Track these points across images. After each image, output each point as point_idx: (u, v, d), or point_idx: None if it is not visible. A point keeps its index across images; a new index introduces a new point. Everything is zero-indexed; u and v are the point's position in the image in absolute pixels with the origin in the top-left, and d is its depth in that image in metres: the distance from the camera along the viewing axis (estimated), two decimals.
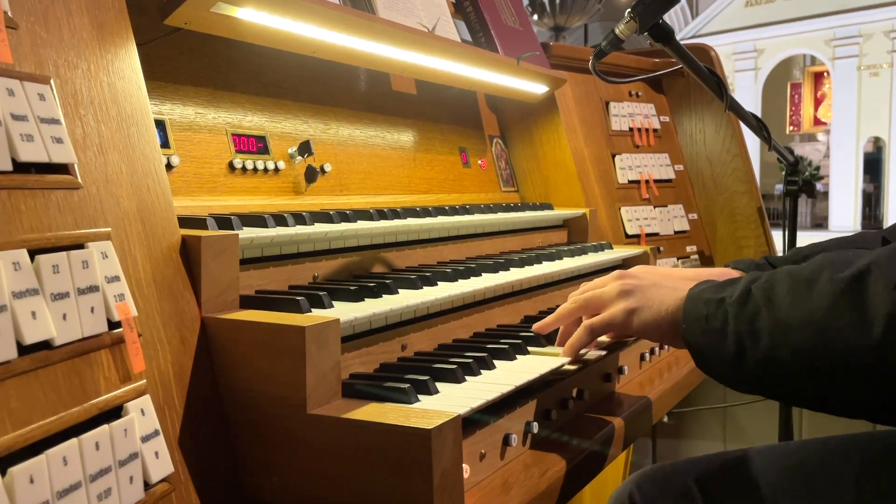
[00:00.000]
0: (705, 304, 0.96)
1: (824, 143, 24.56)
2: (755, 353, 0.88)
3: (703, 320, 0.95)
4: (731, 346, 0.91)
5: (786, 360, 0.85)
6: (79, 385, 0.76)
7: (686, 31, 22.97)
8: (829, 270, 0.84)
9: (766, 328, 0.87)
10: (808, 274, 0.86)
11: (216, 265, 0.97)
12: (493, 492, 0.98)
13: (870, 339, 0.77)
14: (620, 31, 1.68)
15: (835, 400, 0.85)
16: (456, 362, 1.11)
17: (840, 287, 0.81)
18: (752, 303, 0.90)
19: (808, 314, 0.83)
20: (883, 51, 20.75)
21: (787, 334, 0.85)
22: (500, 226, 1.82)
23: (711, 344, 0.94)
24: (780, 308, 0.86)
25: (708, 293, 0.97)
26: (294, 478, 0.90)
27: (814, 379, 0.84)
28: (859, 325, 0.78)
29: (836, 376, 0.82)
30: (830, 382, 0.83)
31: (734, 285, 0.94)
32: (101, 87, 0.91)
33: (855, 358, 0.79)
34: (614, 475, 2.52)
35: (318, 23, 1.36)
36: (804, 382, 0.86)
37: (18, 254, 0.72)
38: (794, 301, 0.85)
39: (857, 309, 0.79)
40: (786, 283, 0.88)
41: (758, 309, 0.88)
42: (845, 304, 0.80)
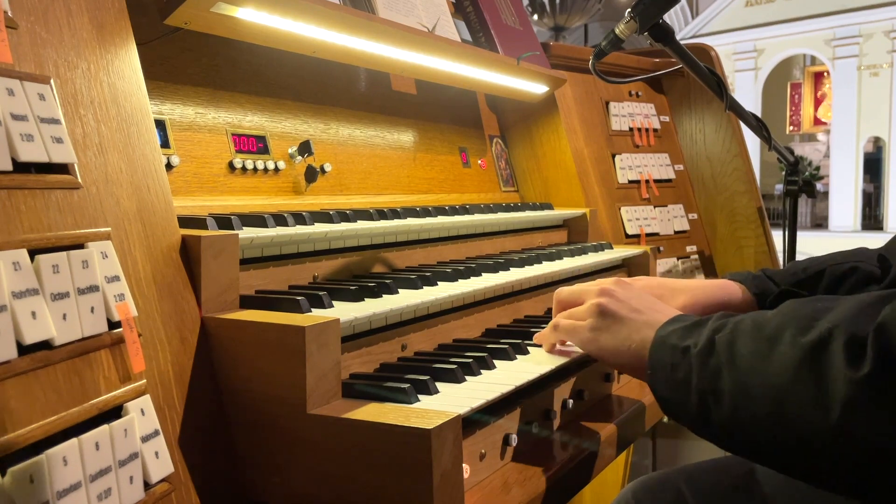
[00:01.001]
0: (671, 351, 0.93)
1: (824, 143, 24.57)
2: (719, 415, 0.86)
3: (668, 369, 0.93)
4: (695, 403, 0.88)
5: (748, 427, 0.83)
6: (79, 385, 0.76)
7: (686, 31, 22.97)
8: (793, 329, 0.81)
9: (728, 389, 0.85)
10: (772, 331, 0.83)
11: (216, 265, 0.97)
12: (493, 492, 0.98)
13: (827, 421, 0.75)
14: (620, 31, 1.68)
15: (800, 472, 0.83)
16: (456, 362, 1.11)
17: (800, 356, 0.78)
18: (714, 358, 0.87)
19: (768, 382, 0.81)
20: (883, 51, 20.74)
21: (748, 401, 0.83)
22: (500, 226, 1.82)
23: (676, 396, 0.92)
24: (741, 370, 0.84)
25: (674, 338, 0.94)
26: (294, 478, 0.90)
27: (775, 450, 0.82)
28: (817, 405, 0.76)
29: (796, 451, 0.80)
30: (792, 456, 0.81)
31: (699, 331, 0.92)
32: (101, 86, 0.91)
33: (813, 437, 0.77)
34: (614, 475, 2.52)
35: (318, 23, 1.36)
36: (768, 451, 0.83)
37: (18, 254, 0.72)
38: (755, 364, 0.83)
39: (815, 386, 0.76)
40: (749, 340, 0.85)
41: (720, 367, 0.86)
42: (803, 378, 0.78)
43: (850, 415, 0.73)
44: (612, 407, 1.35)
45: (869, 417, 0.72)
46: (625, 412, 1.31)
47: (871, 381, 0.72)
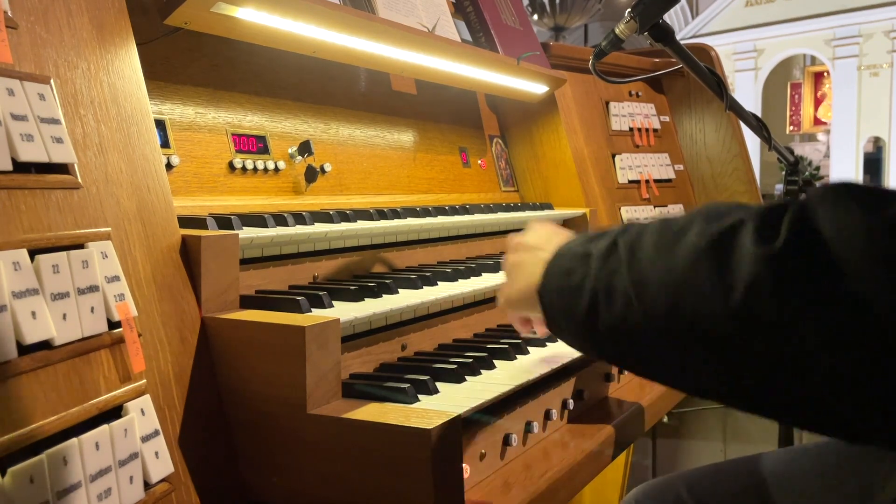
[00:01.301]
0: (570, 258, 0.85)
1: (824, 142, 24.56)
2: (608, 314, 0.77)
3: (564, 275, 0.84)
4: (584, 307, 0.79)
5: (638, 323, 0.74)
6: (79, 385, 0.76)
7: (686, 31, 22.97)
8: (702, 222, 0.72)
9: (622, 285, 0.75)
10: (679, 227, 0.74)
11: (216, 265, 0.97)
12: (493, 492, 0.98)
13: (727, 306, 0.66)
14: (620, 31, 1.68)
15: (685, 375, 0.74)
16: (456, 362, 1.11)
17: (705, 242, 0.70)
18: (614, 258, 0.78)
19: (667, 272, 0.72)
20: (883, 51, 20.74)
21: (643, 292, 0.73)
22: (500, 226, 1.82)
23: (565, 303, 0.83)
24: (642, 263, 0.75)
25: (574, 246, 0.86)
26: (294, 478, 0.90)
27: (665, 347, 0.73)
28: (719, 286, 0.67)
29: (687, 345, 0.71)
30: (681, 352, 0.72)
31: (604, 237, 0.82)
32: (101, 86, 0.91)
33: (709, 324, 0.68)
34: (614, 475, 2.52)
35: (318, 23, 1.36)
36: (654, 351, 0.75)
37: (18, 254, 0.72)
38: (657, 257, 0.74)
39: (717, 270, 0.67)
40: (654, 237, 0.76)
41: (619, 263, 0.77)
42: (707, 262, 0.68)
43: (755, 295, 0.64)
44: (611, 407, 1.35)
45: (775, 296, 0.63)
46: (625, 412, 1.31)
47: (781, 257, 0.63)
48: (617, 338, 0.78)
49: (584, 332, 0.81)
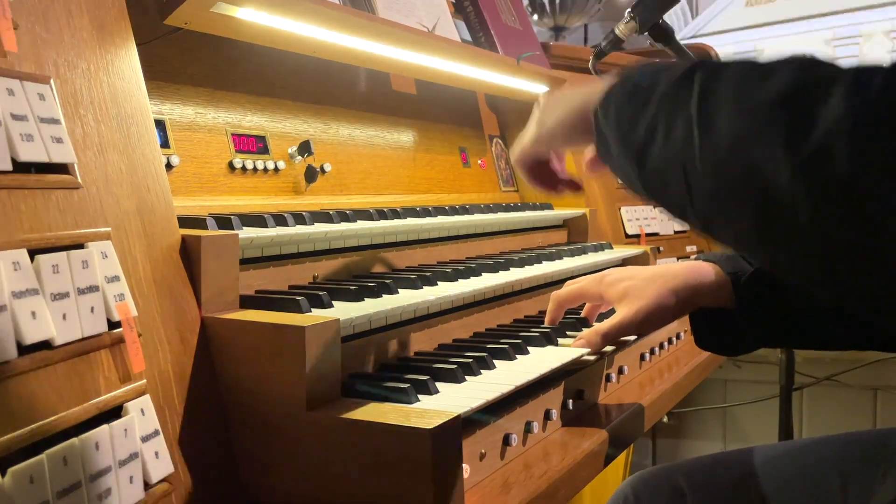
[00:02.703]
0: (639, 75, 0.78)
1: None
2: (663, 146, 0.70)
3: (627, 97, 0.77)
4: (641, 134, 0.73)
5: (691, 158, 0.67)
6: (79, 385, 0.76)
7: (686, 31, 22.97)
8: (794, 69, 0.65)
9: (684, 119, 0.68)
10: (768, 66, 0.66)
11: (216, 265, 0.97)
12: (493, 492, 0.98)
13: (796, 155, 0.58)
14: (620, 31, 1.68)
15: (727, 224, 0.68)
16: (456, 362, 1.11)
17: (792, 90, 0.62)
18: (685, 88, 0.69)
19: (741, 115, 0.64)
20: (883, 51, 20.75)
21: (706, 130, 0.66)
22: (500, 226, 1.82)
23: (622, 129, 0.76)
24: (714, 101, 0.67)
25: (644, 68, 0.78)
26: (294, 478, 0.90)
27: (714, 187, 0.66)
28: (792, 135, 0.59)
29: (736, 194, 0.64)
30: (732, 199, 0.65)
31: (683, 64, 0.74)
32: (101, 86, 0.91)
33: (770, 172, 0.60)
34: (614, 475, 2.52)
35: (318, 23, 1.36)
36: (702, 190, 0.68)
37: (18, 254, 0.72)
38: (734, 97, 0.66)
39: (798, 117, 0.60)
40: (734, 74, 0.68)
41: (689, 97, 0.68)
42: (787, 110, 0.61)
43: (828, 147, 0.56)
44: (612, 407, 1.35)
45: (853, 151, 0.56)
46: (625, 412, 1.31)
47: (871, 106, 0.56)
48: (665, 168, 0.71)
49: (633, 158, 0.74)
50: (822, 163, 0.57)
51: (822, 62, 0.66)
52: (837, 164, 0.56)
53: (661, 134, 0.70)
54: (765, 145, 0.61)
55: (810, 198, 0.58)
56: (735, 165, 0.63)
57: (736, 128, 0.64)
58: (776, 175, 0.59)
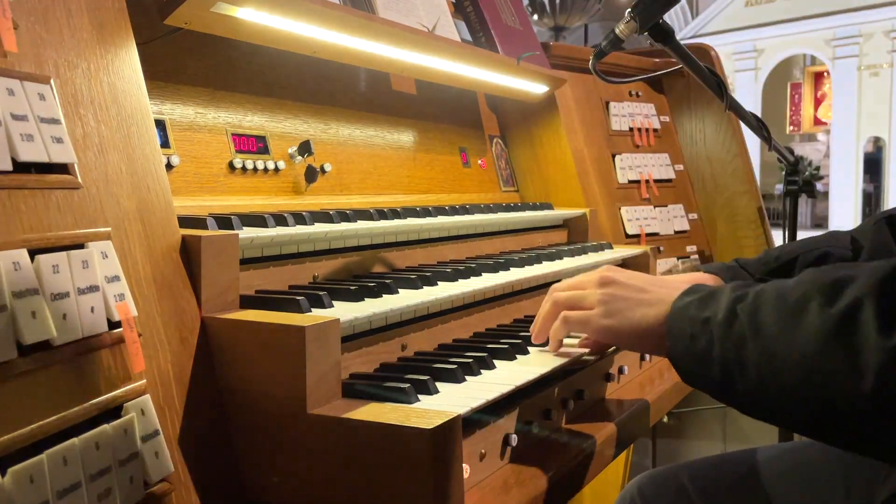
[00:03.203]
0: (690, 322, 0.92)
1: (824, 143, 24.57)
2: (744, 384, 0.85)
3: (688, 340, 0.91)
4: (718, 373, 0.87)
5: (774, 396, 0.83)
6: (79, 385, 0.76)
7: (686, 31, 22.97)
8: (819, 299, 0.80)
9: (753, 360, 0.83)
10: (796, 301, 0.82)
11: (216, 265, 0.97)
12: (493, 492, 0.98)
13: (861, 389, 0.74)
14: (620, 31, 1.68)
15: (832, 438, 0.83)
16: (456, 362, 1.11)
17: (830, 325, 0.77)
18: (737, 327, 0.86)
19: (797, 351, 0.79)
20: (883, 51, 20.74)
21: (774, 371, 0.81)
22: (500, 226, 1.82)
23: (698, 368, 0.91)
24: (767, 340, 0.83)
25: (692, 309, 0.93)
26: (294, 477, 0.90)
27: (807, 418, 0.81)
28: (850, 371, 0.75)
29: (825, 419, 0.79)
30: (821, 424, 0.80)
31: (717, 301, 0.90)
32: (101, 86, 0.91)
33: (845, 405, 0.76)
34: (614, 475, 2.52)
35: (318, 23, 1.36)
36: (797, 420, 0.83)
37: (18, 254, 0.72)
38: (782, 333, 0.81)
39: (847, 355, 0.75)
40: (773, 311, 0.83)
41: (744, 336, 0.85)
42: (835, 346, 0.76)
43: (885, 381, 0.72)
44: (612, 407, 1.35)
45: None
46: (625, 412, 1.31)
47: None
48: (756, 402, 0.86)
49: (722, 394, 0.89)
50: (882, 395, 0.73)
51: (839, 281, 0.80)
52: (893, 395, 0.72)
53: (738, 376, 0.85)
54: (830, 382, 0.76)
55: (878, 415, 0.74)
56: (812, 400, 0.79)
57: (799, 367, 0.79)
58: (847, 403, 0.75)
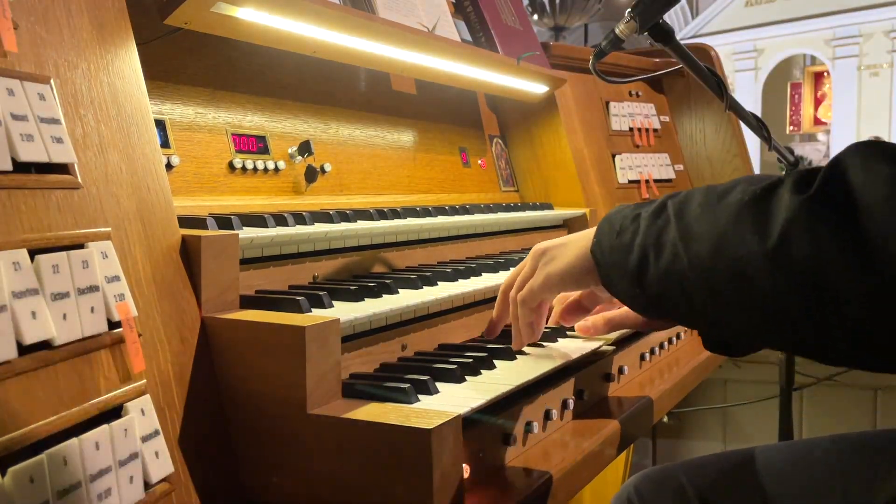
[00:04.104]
0: (621, 219, 0.93)
1: (824, 143, 24.56)
2: (657, 267, 0.85)
3: (615, 235, 0.92)
4: (635, 260, 0.88)
5: (684, 272, 0.82)
6: (79, 385, 0.76)
7: (686, 30, 22.96)
8: (745, 184, 0.81)
9: (670, 240, 0.84)
10: (723, 188, 0.83)
11: (216, 265, 0.97)
12: (493, 492, 0.98)
13: (765, 245, 0.73)
14: (620, 31, 1.68)
15: (729, 317, 0.81)
16: (456, 362, 1.11)
17: (748, 197, 0.78)
18: (664, 216, 0.86)
19: (713, 223, 0.80)
20: (883, 51, 20.74)
21: (688, 245, 0.81)
22: (500, 226, 1.82)
23: (617, 259, 0.91)
24: (688, 219, 0.83)
25: (626, 210, 0.94)
26: (294, 478, 0.90)
27: (709, 291, 0.80)
28: (757, 232, 0.75)
29: (730, 289, 0.78)
30: (726, 297, 0.79)
31: (653, 202, 0.91)
32: (101, 86, 0.91)
33: (749, 267, 0.75)
34: (614, 475, 2.52)
35: (318, 23, 1.36)
36: (701, 298, 0.81)
37: (18, 254, 0.72)
38: (703, 213, 0.82)
39: (759, 216, 0.75)
40: (700, 196, 0.85)
41: (668, 222, 0.85)
42: (749, 212, 0.77)
43: (788, 235, 0.72)
44: (611, 407, 1.34)
45: (808, 235, 0.71)
46: (624, 412, 1.31)
47: (813, 200, 0.72)
48: (664, 283, 0.85)
49: (634, 285, 0.89)
50: (785, 250, 0.73)
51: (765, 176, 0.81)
52: (797, 249, 0.72)
53: (652, 258, 0.86)
54: (738, 245, 0.76)
55: (780, 274, 0.73)
56: (721, 265, 0.78)
57: (713, 235, 0.79)
58: (753, 262, 0.75)
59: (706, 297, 0.81)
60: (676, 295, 0.84)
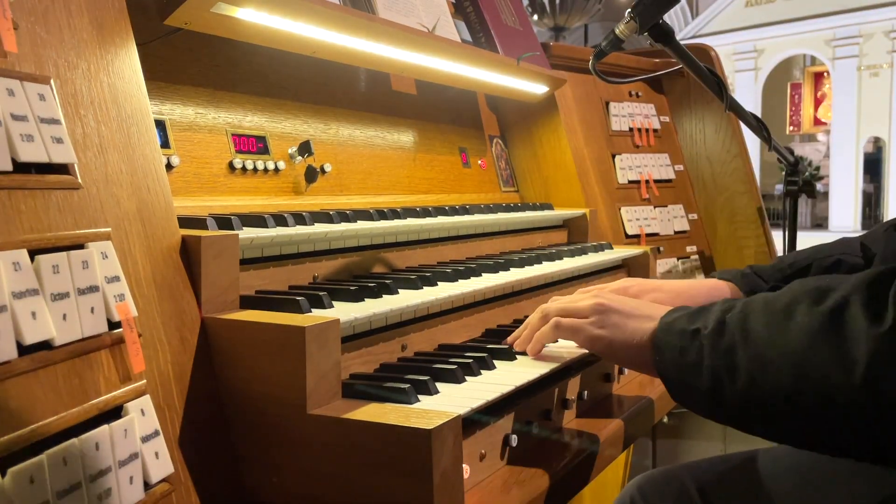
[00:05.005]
0: (679, 335, 0.92)
1: (824, 143, 24.56)
2: (733, 390, 0.85)
3: (678, 353, 0.91)
4: (707, 382, 0.87)
5: (765, 398, 0.82)
6: (79, 385, 0.76)
7: (686, 31, 22.96)
8: (808, 301, 0.80)
9: (743, 364, 0.84)
10: (785, 305, 0.83)
11: (216, 265, 0.97)
12: (493, 492, 0.98)
13: (852, 379, 0.74)
14: (620, 31, 1.68)
15: (822, 440, 0.82)
16: (456, 362, 1.11)
17: (818, 321, 0.78)
18: (727, 336, 0.86)
19: (787, 350, 0.80)
20: (883, 51, 20.74)
21: (765, 371, 0.82)
22: (501, 226, 1.82)
23: (687, 379, 0.91)
24: (757, 343, 0.83)
25: (681, 323, 0.94)
26: (294, 478, 0.90)
27: (796, 417, 0.81)
28: (840, 363, 0.75)
29: (818, 415, 0.78)
30: (813, 421, 0.80)
31: (707, 314, 0.91)
32: (101, 87, 0.91)
33: (837, 397, 0.76)
34: (614, 475, 2.52)
35: (318, 23, 1.36)
36: (786, 421, 0.82)
37: (18, 254, 0.72)
38: (772, 335, 0.82)
39: (837, 347, 0.76)
40: (762, 316, 0.84)
41: (733, 343, 0.85)
42: (825, 340, 0.77)
43: (876, 370, 0.73)
44: (612, 407, 1.35)
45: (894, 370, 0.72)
46: (624, 412, 1.31)
47: (894, 334, 0.72)
48: (745, 408, 0.85)
49: (711, 402, 0.89)
50: (874, 383, 0.73)
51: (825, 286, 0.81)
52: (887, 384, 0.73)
53: (727, 381, 0.85)
54: (822, 375, 0.76)
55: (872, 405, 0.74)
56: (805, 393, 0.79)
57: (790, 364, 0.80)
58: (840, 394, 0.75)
59: (793, 422, 0.82)
60: (760, 416, 0.85)
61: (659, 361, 0.95)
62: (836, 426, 0.78)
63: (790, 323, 0.80)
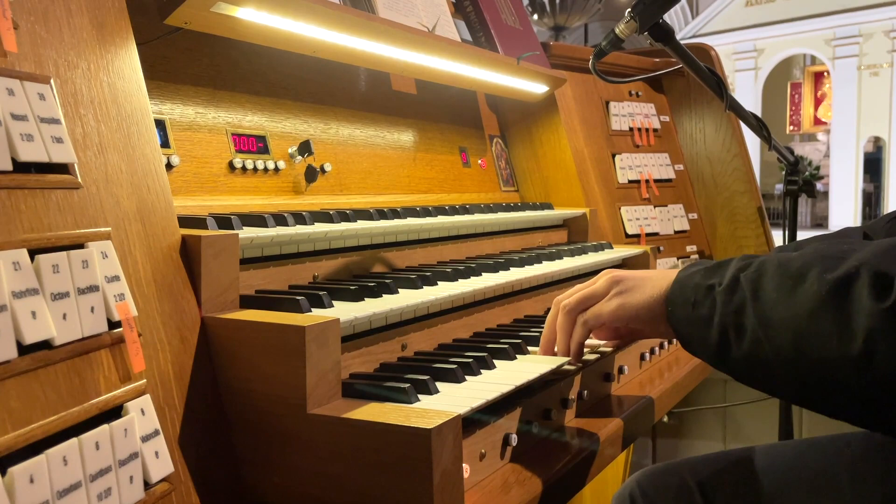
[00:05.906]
0: (693, 289, 0.95)
1: (824, 142, 24.56)
2: (739, 349, 0.87)
3: (690, 306, 0.94)
4: (716, 337, 0.90)
5: (768, 360, 0.84)
6: (79, 385, 0.76)
7: (686, 30, 22.97)
8: (819, 267, 0.82)
9: (750, 324, 0.86)
10: (797, 269, 0.84)
11: (216, 265, 0.97)
12: (493, 492, 0.98)
13: (849, 352, 0.76)
14: (620, 31, 1.68)
15: (818, 404, 0.84)
16: (456, 362, 1.11)
17: (825, 290, 0.79)
18: (739, 294, 0.88)
19: (791, 315, 0.82)
20: (883, 51, 20.75)
21: (769, 334, 0.84)
22: (500, 225, 1.82)
23: (697, 331, 0.93)
24: (766, 304, 0.85)
25: (697, 278, 0.96)
26: (294, 477, 0.90)
27: (795, 382, 0.83)
28: (840, 336, 0.76)
29: (816, 383, 0.81)
30: (811, 387, 0.82)
31: (723, 271, 0.93)
32: (101, 86, 0.91)
33: (834, 369, 0.77)
34: (614, 475, 2.52)
35: (318, 23, 1.36)
36: (787, 384, 0.85)
37: (18, 254, 0.72)
38: (780, 298, 0.84)
39: (839, 318, 0.77)
40: (774, 277, 0.86)
41: (744, 302, 0.87)
42: (828, 310, 0.78)
43: (872, 345, 0.74)
44: (612, 407, 1.35)
45: (891, 347, 0.73)
46: (624, 412, 1.31)
47: (894, 312, 0.73)
48: (749, 366, 0.88)
49: (717, 358, 0.92)
50: (868, 359, 0.75)
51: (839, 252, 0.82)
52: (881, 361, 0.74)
53: (734, 339, 0.88)
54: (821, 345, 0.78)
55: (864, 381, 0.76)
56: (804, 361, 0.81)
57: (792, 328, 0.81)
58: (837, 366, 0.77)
59: (792, 384, 0.84)
60: (762, 376, 0.88)
61: (671, 312, 0.98)
62: (831, 394, 0.80)
63: (799, 288, 0.82)
